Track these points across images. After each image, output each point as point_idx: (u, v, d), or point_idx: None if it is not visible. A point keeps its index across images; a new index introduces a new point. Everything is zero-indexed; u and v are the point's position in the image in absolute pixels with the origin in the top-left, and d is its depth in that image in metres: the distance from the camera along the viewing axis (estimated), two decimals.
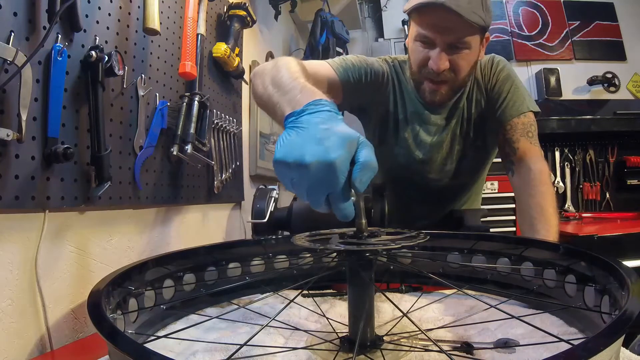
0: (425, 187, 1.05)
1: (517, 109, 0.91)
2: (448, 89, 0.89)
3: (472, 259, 0.74)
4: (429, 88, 0.89)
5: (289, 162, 0.42)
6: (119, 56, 0.79)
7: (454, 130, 1.00)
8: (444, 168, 1.02)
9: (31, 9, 0.65)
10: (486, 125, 0.98)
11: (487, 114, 0.97)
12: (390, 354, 0.48)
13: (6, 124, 0.59)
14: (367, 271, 0.48)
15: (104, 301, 0.46)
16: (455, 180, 1.05)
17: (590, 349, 0.29)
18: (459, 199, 1.12)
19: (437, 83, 0.87)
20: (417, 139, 1.00)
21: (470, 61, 0.86)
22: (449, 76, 0.86)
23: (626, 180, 2.76)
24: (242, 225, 1.60)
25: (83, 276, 0.78)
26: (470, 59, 0.86)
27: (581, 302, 0.55)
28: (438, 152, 1.01)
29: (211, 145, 1.23)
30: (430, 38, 0.83)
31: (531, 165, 0.86)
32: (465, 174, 1.06)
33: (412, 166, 1.02)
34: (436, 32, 0.82)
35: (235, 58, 1.35)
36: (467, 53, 0.84)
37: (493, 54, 1.01)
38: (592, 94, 2.93)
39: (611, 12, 3.00)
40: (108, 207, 0.86)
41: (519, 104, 0.91)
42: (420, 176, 1.03)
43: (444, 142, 1.00)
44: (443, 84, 0.87)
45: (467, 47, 0.83)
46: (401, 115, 1.01)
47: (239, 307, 0.66)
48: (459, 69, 0.85)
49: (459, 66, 0.85)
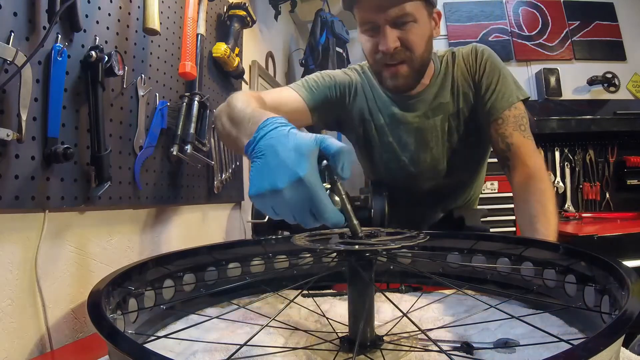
0: (422, 189, 1.02)
1: (507, 100, 0.87)
2: (408, 70, 0.84)
3: (472, 259, 0.74)
4: (388, 74, 0.85)
5: (264, 194, 0.42)
6: (118, 56, 0.79)
7: (441, 127, 0.95)
8: (437, 167, 0.99)
9: (31, 9, 0.65)
10: (477, 119, 0.94)
11: (477, 107, 0.93)
12: (390, 354, 0.48)
13: (6, 124, 0.59)
14: (367, 271, 0.48)
15: (104, 301, 0.46)
16: (451, 179, 1.01)
17: (590, 349, 0.29)
18: (459, 199, 1.10)
19: (394, 66, 0.84)
20: (400, 142, 0.98)
21: (422, 35, 0.82)
22: (404, 55, 0.82)
23: (626, 180, 2.76)
24: (242, 225, 1.60)
25: (83, 276, 0.78)
26: (421, 32, 0.82)
27: (581, 302, 0.55)
28: (425, 152, 0.97)
29: (211, 145, 1.23)
30: (373, 20, 0.81)
31: (527, 161, 0.84)
32: (461, 172, 1.02)
33: (404, 169, 1.00)
34: (376, 11, 0.80)
35: (235, 58, 1.35)
36: (415, 26, 0.81)
37: (474, 43, 0.96)
38: (592, 94, 2.93)
39: (611, 12, 3.00)
40: (108, 207, 0.86)
41: (508, 95, 0.87)
42: (414, 178, 1.00)
43: (430, 141, 0.96)
44: (400, 64, 0.83)
45: (412, 20, 0.80)
46: (380, 121, 0.97)
47: (238, 307, 0.66)
48: (411, 45, 0.81)
49: (411, 41, 0.81)
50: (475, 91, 0.92)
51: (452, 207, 1.10)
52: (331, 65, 2.26)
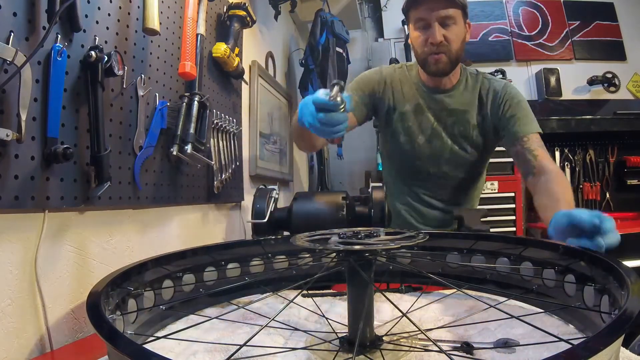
0: (428, 171, 1.22)
1: (532, 126, 1.10)
2: (446, 59, 1.10)
3: (472, 259, 0.74)
4: (432, 60, 1.10)
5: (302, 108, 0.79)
6: (118, 56, 0.79)
7: (450, 127, 1.18)
8: (442, 156, 1.20)
9: (31, 9, 0.65)
10: (490, 135, 1.18)
11: (499, 126, 1.15)
12: (390, 354, 0.48)
13: (6, 124, 0.59)
14: (367, 271, 0.48)
15: (103, 302, 0.46)
16: (451, 170, 1.21)
17: (590, 349, 0.29)
18: (462, 187, 1.25)
19: (437, 54, 1.09)
20: (420, 127, 1.20)
21: (459, 35, 1.10)
22: (445, 48, 1.09)
23: (626, 180, 2.76)
24: (242, 225, 1.60)
25: (83, 276, 0.78)
26: (459, 33, 1.09)
27: (581, 302, 0.55)
28: (434, 141, 1.19)
29: (211, 145, 1.23)
30: (425, 18, 1.07)
31: (551, 166, 1.01)
32: (459, 165, 1.21)
33: (415, 151, 1.21)
34: (428, 10, 1.06)
35: (235, 58, 1.35)
36: (455, 28, 1.08)
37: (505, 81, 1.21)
38: (592, 94, 2.93)
39: (611, 12, 3.00)
40: (108, 207, 0.86)
41: (534, 124, 1.11)
42: (421, 160, 1.21)
43: (440, 133, 1.19)
44: (442, 54, 1.09)
45: (454, 23, 1.07)
46: (405, 107, 1.20)
47: (238, 308, 0.66)
48: (451, 41, 1.09)
49: (451, 39, 1.08)
50: (499, 117, 1.14)
51: (458, 201, 1.26)
52: (331, 65, 2.26)
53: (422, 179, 1.24)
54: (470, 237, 0.75)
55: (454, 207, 1.15)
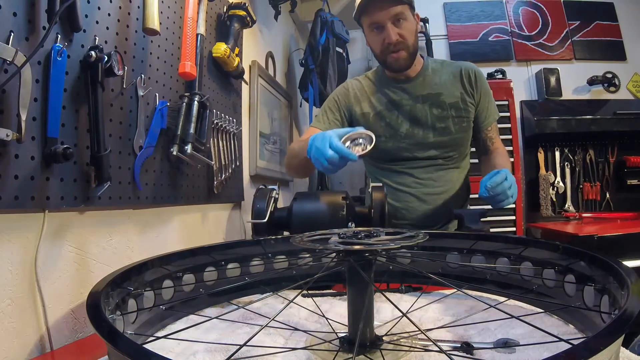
0: (417, 157, 1.26)
1: (495, 115, 1.28)
2: (406, 54, 1.18)
3: (472, 259, 0.74)
4: (392, 59, 1.18)
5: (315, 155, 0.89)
6: (118, 56, 0.79)
7: (429, 110, 1.24)
8: (426, 139, 1.25)
9: (31, 9, 0.65)
10: (465, 117, 1.26)
11: (473, 111, 1.27)
12: (390, 354, 0.48)
13: (6, 124, 0.59)
14: (367, 271, 0.48)
15: (103, 302, 0.46)
16: (438, 149, 1.25)
17: (590, 349, 0.29)
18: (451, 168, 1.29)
19: (396, 52, 1.17)
20: (398, 121, 1.26)
21: (411, 29, 1.17)
22: (402, 44, 1.16)
23: (626, 180, 2.75)
24: (242, 225, 1.60)
25: (83, 276, 0.78)
26: (411, 27, 1.16)
27: (581, 302, 0.55)
28: (416, 128, 1.25)
29: (211, 145, 1.23)
30: (378, 21, 1.14)
31: (500, 149, 1.27)
32: (445, 144, 1.26)
33: (402, 141, 1.26)
34: (379, 13, 1.13)
35: (235, 58, 1.35)
36: (407, 23, 1.15)
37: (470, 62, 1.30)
38: (592, 94, 2.93)
39: (611, 12, 3.00)
40: (108, 207, 0.86)
41: (495, 111, 1.29)
42: (410, 147, 1.26)
43: (420, 119, 1.25)
44: (401, 50, 1.17)
45: (405, 19, 1.14)
46: (379, 108, 1.26)
47: (238, 308, 0.66)
48: (406, 37, 1.16)
49: (405, 35, 1.16)
50: (473, 99, 1.26)
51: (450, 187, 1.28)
52: (331, 65, 2.26)
53: (408, 167, 1.27)
54: (470, 237, 0.75)
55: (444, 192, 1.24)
